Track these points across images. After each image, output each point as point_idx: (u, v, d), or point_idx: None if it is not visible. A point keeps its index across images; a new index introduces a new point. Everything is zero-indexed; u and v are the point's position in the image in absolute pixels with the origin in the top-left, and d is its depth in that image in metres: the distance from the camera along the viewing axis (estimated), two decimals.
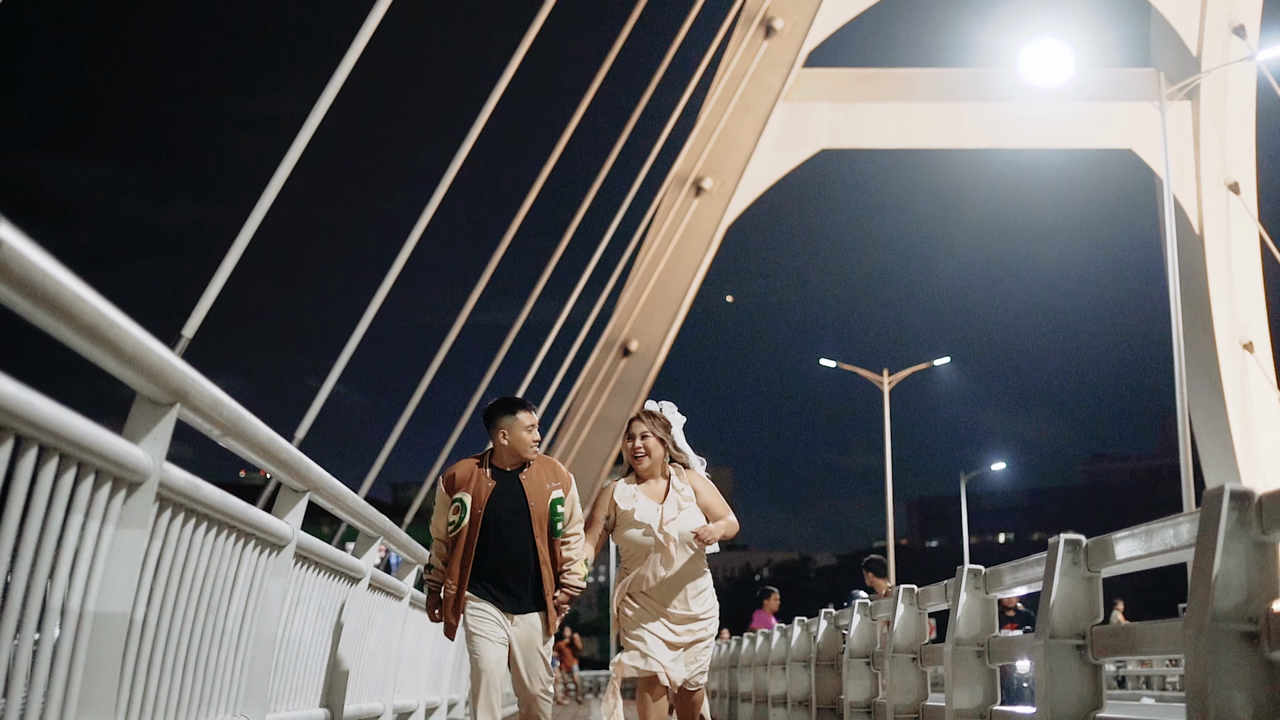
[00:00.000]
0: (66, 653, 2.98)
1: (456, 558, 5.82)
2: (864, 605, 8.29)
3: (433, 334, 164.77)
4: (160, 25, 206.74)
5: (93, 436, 2.82)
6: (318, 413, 13.21)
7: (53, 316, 2.46)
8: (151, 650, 3.50)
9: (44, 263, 2.34)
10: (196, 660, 3.89)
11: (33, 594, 2.76)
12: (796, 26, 33.33)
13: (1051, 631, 4.37)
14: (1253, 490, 3.28)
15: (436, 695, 10.13)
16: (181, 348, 8.90)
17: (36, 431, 2.55)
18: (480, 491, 5.86)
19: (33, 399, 2.50)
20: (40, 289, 2.36)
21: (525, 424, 5.93)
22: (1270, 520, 3.23)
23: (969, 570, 5.74)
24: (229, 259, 9.51)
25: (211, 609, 3.95)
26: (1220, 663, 3.22)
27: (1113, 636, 4.25)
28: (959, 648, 5.62)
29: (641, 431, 6.16)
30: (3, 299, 2.30)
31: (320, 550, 5.27)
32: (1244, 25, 32.99)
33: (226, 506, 3.84)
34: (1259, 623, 3.23)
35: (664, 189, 33.52)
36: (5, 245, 2.21)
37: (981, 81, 35.47)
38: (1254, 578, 3.26)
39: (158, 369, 3.02)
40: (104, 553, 3.09)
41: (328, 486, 5.00)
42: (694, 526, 6.03)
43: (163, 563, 3.47)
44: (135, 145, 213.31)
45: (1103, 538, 4.31)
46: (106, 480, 3.02)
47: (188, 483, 3.46)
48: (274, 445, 4.06)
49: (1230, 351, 35.54)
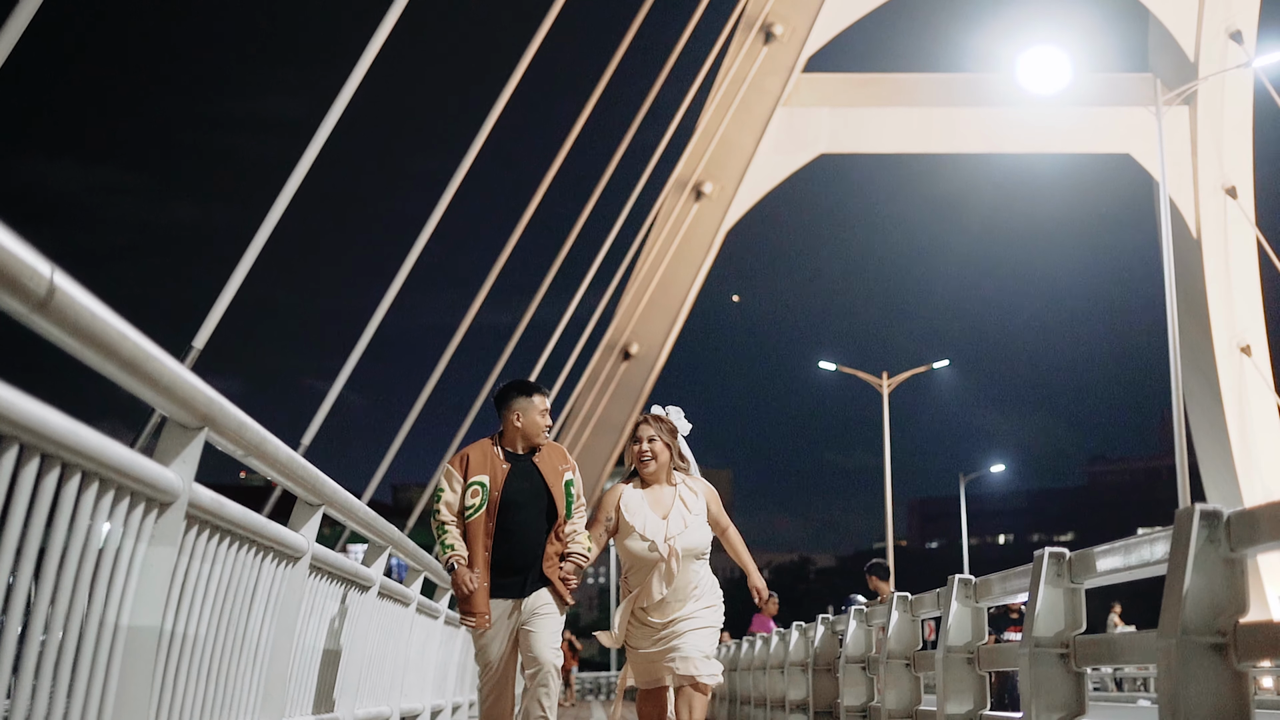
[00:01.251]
0: (103, 663, 3.17)
1: (477, 543, 5.70)
2: (859, 612, 8.48)
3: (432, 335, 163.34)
4: (160, 25, 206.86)
5: (129, 461, 3.00)
6: (313, 415, 13.41)
7: (98, 354, 2.65)
8: (179, 659, 3.69)
9: (92, 305, 2.53)
10: (219, 667, 4.07)
11: (74, 608, 2.95)
12: (796, 32, 33.52)
13: (1036, 641, 4.56)
14: (1221, 510, 3.47)
15: (441, 699, 10.34)
16: (192, 359, 9.08)
17: (80, 459, 2.74)
18: (496, 474, 5.77)
19: (77, 429, 2.69)
20: (88, 330, 2.55)
21: (540, 407, 5.87)
22: (1238, 539, 3.42)
23: (960, 580, 5.93)
24: (239, 271, 9.69)
25: (233, 619, 4.14)
26: (1190, 673, 3.40)
27: (1094, 646, 4.44)
28: (950, 654, 5.80)
29: (649, 435, 6.04)
30: (55, 340, 2.49)
31: (333, 560, 5.46)
32: (1241, 31, 33.20)
33: (248, 522, 4.03)
34: (1227, 635, 3.42)
35: (664, 193, 33.71)
36: (59, 292, 2.39)
37: (980, 86, 35.68)
38: (1223, 593, 3.45)
39: (189, 396, 3.21)
40: (137, 569, 3.28)
41: (341, 500, 5.19)
42: (700, 542, 5.89)
43: (190, 576, 3.66)
44: (135, 146, 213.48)
45: (1085, 551, 4.50)
46: (140, 501, 3.20)
47: (213, 501, 3.65)
48: (293, 464, 4.25)
49: (1228, 355, 35.73)
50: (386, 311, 14.95)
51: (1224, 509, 3.48)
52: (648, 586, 5.86)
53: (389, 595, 7.26)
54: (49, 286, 2.35)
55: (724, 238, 35.42)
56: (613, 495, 6.06)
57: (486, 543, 5.71)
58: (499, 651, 5.80)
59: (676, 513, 5.92)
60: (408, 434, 19.74)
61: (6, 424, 2.37)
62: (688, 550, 5.87)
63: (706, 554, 6.01)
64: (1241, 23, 33.29)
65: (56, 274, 2.38)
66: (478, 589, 5.69)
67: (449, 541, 5.78)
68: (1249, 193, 35.24)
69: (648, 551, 5.86)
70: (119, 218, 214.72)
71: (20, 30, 7.35)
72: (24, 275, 2.25)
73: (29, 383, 2.58)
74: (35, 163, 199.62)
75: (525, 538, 5.76)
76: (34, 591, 2.75)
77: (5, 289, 2.23)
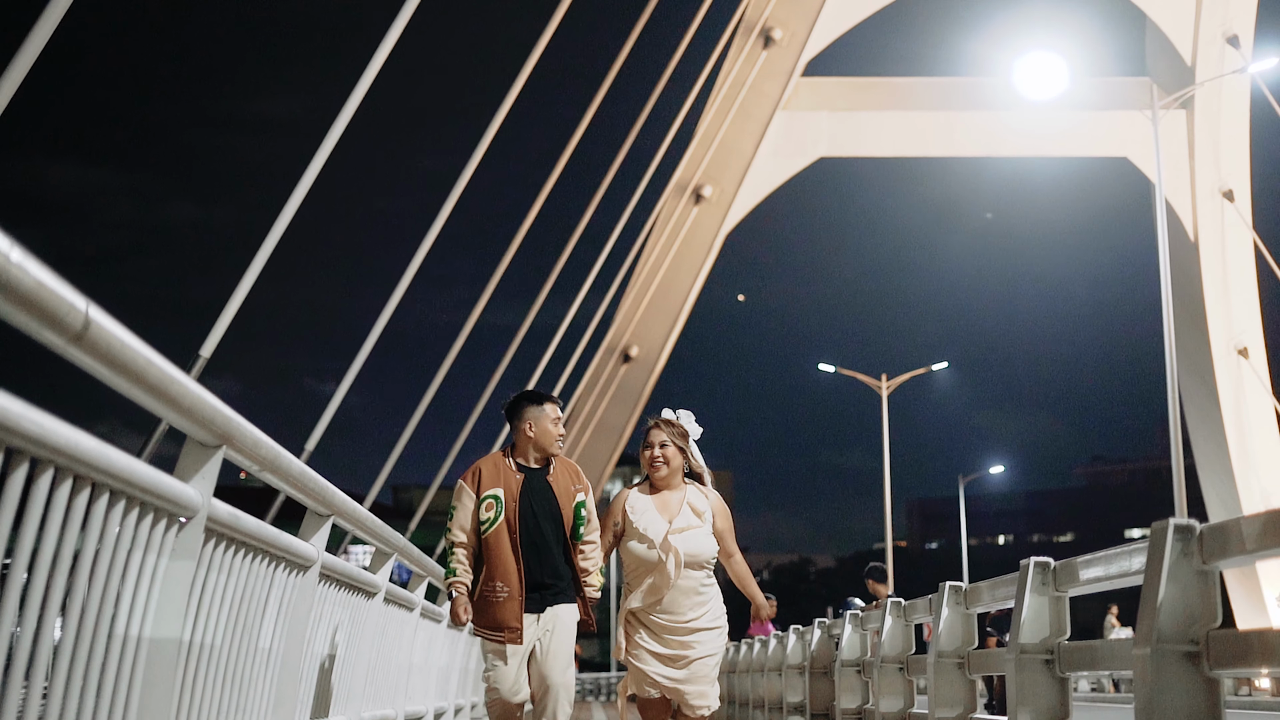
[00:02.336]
0: (129, 669, 3.33)
1: (504, 554, 5.56)
2: (855, 617, 8.64)
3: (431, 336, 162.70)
4: (160, 25, 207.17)
5: (153, 479, 3.16)
6: (313, 415, 13.59)
7: (127, 380, 2.81)
8: (197, 665, 3.85)
9: (123, 335, 2.69)
10: (234, 673, 4.23)
11: (103, 618, 3.11)
12: (795, 36, 33.70)
13: (1022, 647, 4.72)
14: (1194, 524, 3.63)
15: (444, 700, 10.51)
16: (199, 368, 9.23)
17: (109, 479, 2.90)
18: (511, 486, 5.65)
19: (107, 451, 2.84)
20: (119, 359, 2.70)
21: (551, 416, 5.75)
22: (1210, 552, 3.58)
23: (950, 587, 6.09)
24: (246, 279, 9.83)
25: (247, 626, 4.30)
26: (1165, 680, 3.57)
27: (1076, 652, 4.60)
28: (941, 659, 5.96)
29: (661, 440, 5.88)
30: (88, 369, 2.65)
31: (341, 568, 5.62)
32: (1238, 35, 33.36)
33: (261, 534, 4.19)
34: (1200, 644, 3.58)
35: (665, 196, 33.88)
36: (94, 325, 2.55)
37: (978, 90, 35.86)
38: (1195, 603, 3.62)
39: (209, 417, 3.37)
40: (159, 581, 3.44)
41: (350, 511, 5.36)
42: (702, 550, 5.76)
43: (207, 587, 3.82)
44: (135, 146, 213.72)
45: (1069, 561, 4.67)
46: (163, 517, 3.36)
47: (230, 514, 3.81)
48: (305, 477, 4.42)
49: (1225, 357, 35.90)
50: (383, 312, 15.10)
51: (1196, 524, 3.63)
52: (647, 589, 5.72)
53: (394, 601, 7.42)
54: (84, 320, 2.51)
55: (724, 241, 35.60)
56: (619, 501, 5.93)
57: (515, 555, 5.58)
58: (516, 668, 5.65)
59: (682, 517, 5.80)
60: (407, 434, 19.87)
61: (46, 449, 2.53)
62: (689, 555, 5.71)
63: (710, 565, 5.83)
64: (1238, 27, 33.46)
65: (91, 308, 2.54)
66: (510, 601, 5.56)
67: (453, 565, 5.70)
68: (1246, 196, 35.41)
69: (646, 551, 5.73)
70: (119, 218, 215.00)
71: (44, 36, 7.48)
72: (62, 310, 2.41)
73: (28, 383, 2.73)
74: (35, 163, 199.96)
75: (542, 551, 5.65)
76: (67, 602, 2.91)
77: (45, 323, 2.38)
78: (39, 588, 2.72)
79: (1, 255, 2.17)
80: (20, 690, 2.69)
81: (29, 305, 2.28)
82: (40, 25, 7.45)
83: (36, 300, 2.29)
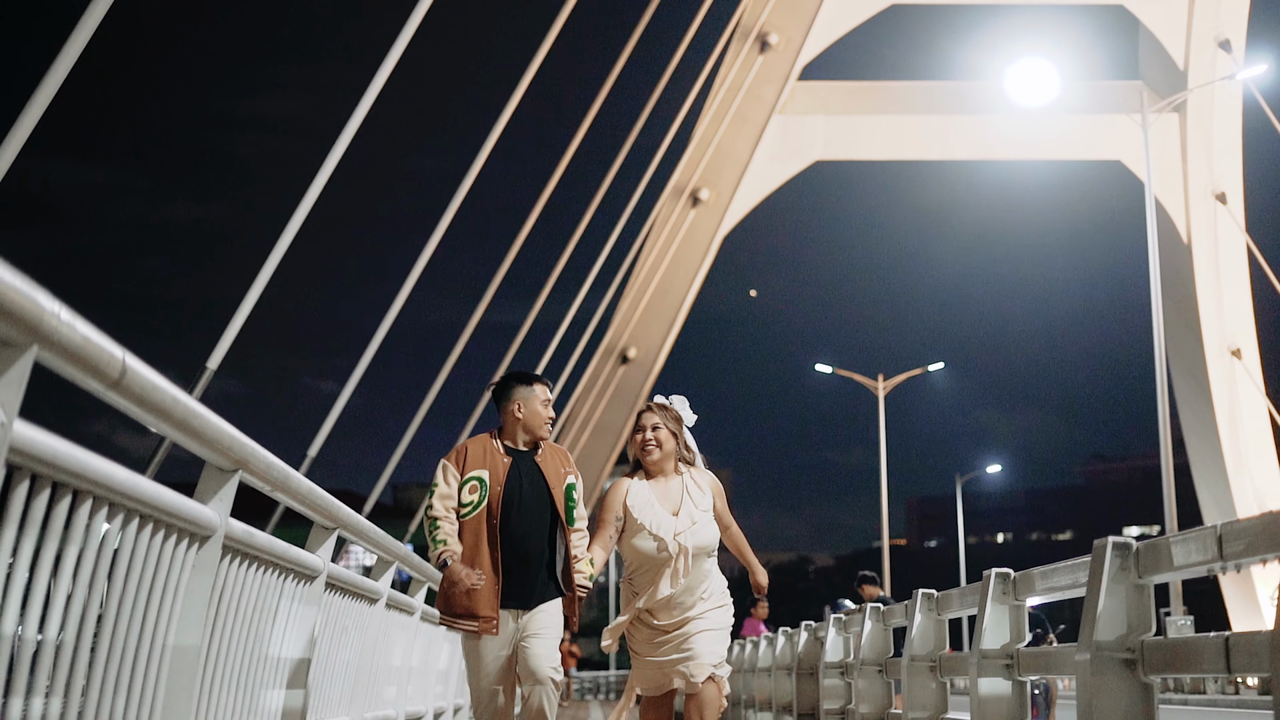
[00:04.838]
0: (154, 677, 3.64)
1: (480, 543, 5.31)
2: (839, 620, 8.94)
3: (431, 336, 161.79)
4: (160, 25, 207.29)
5: (176, 504, 3.48)
6: (313, 413, 13.93)
7: (157, 418, 3.13)
8: (215, 672, 4.16)
9: (155, 379, 3.01)
10: (247, 679, 4.55)
11: (132, 628, 3.43)
12: (791, 41, 34.02)
13: (983, 653, 5.04)
14: (1131, 542, 3.95)
15: (443, 701, 10.85)
16: (206, 380, 9.52)
17: (139, 505, 3.22)
18: (497, 469, 5.41)
19: (137, 480, 3.16)
20: (151, 400, 3.02)
21: (541, 398, 5.55)
22: (1145, 567, 3.91)
23: (923, 594, 6.39)
24: (253, 291, 10.12)
25: (259, 634, 4.62)
26: (1104, 684, 3.89)
27: (1033, 658, 4.92)
28: (914, 663, 6.28)
29: (653, 423, 5.60)
30: (123, 409, 2.97)
31: (346, 577, 5.94)
32: (1229, 40, 33.68)
33: (272, 548, 4.51)
34: (1136, 651, 3.91)
35: (662, 199, 34.20)
36: (130, 372, 2.87)
37: (973, 94, 36.19)
38: (1132, 614, 3.94)
39: (228, 446, 3.69)
40: (182, 593, 3.75)
41: (353, 524, 5.67)
42: (709, 539, 5.50)
43: (224, 598, 4.14)
44: (135, 146, 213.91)
45: (1026, 572, 4.99)
46: (185, 537, 3.68)
47: (244, 532, 4.13)
48: (313, 495, 4.74)
49: (1218, 358, 36.23)
50: (382, 313, 15.43)
51: (1133, 542, 3.95)
52: (656, 588, 5.43)
53: (395, 606, 7.74)
54: (122, 368, 2.82)
55: (721, 243, 35.92)
56: (618, 492, 5.59)
57: (492, 542, 5.31)
58: (497, 665, 5.42)
59: (686, 509, 5.53)
60: (409, 436, 20.18)
61: (86, 481, 2.85)
62: (698, 548, 5.47)
63: (715, 550, 5.62)
64: (1230, 31, 33.78)
65: (128, 357, 2.85)
66: (485, 587, 5.27)
67: (441, 536, 5.33)
68: (1239, 198, 35.73)
69: (657, 552, 5.44)
70: (119, 218, 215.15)
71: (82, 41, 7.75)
72: (104, 361, 2.72)
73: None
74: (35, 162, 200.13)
75: (529, 539, 5.40)
76: (102, 613, 3.23)
77: (89, 373, 2.70)
78: (79, 601, 3.03)
79: (51, 315, 2.48)
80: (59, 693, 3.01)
81: (76, 359, 2.59)
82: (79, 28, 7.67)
83: (83, 354, 2.60)
